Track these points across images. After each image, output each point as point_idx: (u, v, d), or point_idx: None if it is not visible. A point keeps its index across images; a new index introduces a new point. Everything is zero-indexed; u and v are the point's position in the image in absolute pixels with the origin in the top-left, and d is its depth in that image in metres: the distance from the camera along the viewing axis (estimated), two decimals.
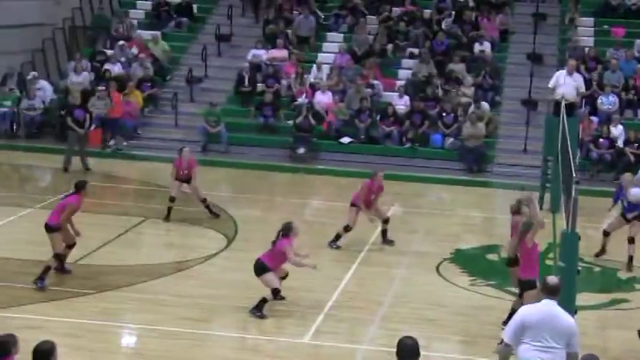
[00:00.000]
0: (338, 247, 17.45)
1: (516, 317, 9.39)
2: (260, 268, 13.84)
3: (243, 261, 16.07)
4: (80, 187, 15.07)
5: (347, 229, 17.47)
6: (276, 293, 13.78)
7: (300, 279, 14.58)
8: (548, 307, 9.25)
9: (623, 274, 16.88)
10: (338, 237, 17.53)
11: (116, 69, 28.00)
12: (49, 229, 14.78)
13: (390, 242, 17.92)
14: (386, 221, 17.95)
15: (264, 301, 13.75)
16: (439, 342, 13.40)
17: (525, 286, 12.80)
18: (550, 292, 9.31)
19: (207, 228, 18.60)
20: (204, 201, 19.06)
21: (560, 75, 21.95)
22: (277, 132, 26.61)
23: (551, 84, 22.00)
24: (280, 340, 13.22)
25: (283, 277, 14.12)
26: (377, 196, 17.78)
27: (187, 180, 18.93)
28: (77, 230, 15.10)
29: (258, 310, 13.72)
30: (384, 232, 17.99)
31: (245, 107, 27.59)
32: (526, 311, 9.37)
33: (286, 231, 13.94)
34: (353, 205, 17.58)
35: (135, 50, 29.06)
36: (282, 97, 27.70)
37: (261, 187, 22.79)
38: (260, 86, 27.86)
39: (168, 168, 19.39)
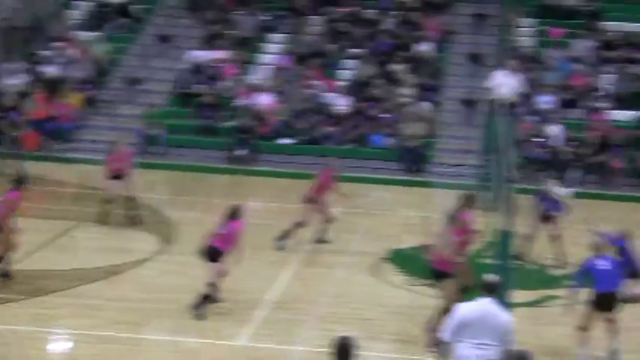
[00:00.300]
0: (282, 248, 17.29)
1: (454, 315, 9.45)
2: (215, 253, 13.63)
3: (179, 264, 16.03)
4: (19, 183, 14.82)
5: (300, 225, 17.36)
6: (212, 289, 13.66)
7: (237, 281, 14.50)
8: (486, 305, 9.35)
9: (554, 272, 17.02)
10: (287, 234, 17.38)
11: (54, 70, 27.66)
12: None
13: (325, 242, 17.89)
14: (329, 221, 17.89)
15: (205, 297, 13.63)
16: (376, 342, 13.38)
17: (441, 275, 12.93)
18: (488, 290, 9.41)
19: (142, 231, 18.43)
20: (132, 199, 18.77)
21: (500, 75, 22.13)
22: (217, 133, 26.50)
23: (491, 83, 22.15)
24: (217, 343, 13.10)
25: None
26: (332, 185, 17.78)
27: (121, 176, 18.62)
28: (16, 227, 14.80)
29: (199, 307, 13.59)
30: (321, 232, 17.94)
31: (185, 109, 27.44)
32: (464, 310, 9.44)
33: (236, 214, 13.88)
34: (307, 201, 17.47)
35: (73, 51, 28.74)
36: (223, 99, 27.60)
37: (200, 189, 22.67)
38: (200, 87, 27.73)
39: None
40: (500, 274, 11.62)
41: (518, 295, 14.77)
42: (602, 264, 12.53)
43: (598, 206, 23.04)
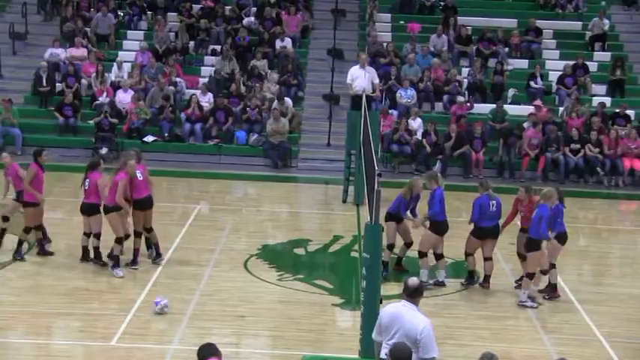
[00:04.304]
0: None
1: (380, 315, 9.33)
2: (90, 208, 15.91)
3: (45, 265, 15.70)
4: None
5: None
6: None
7: (106, 280, 14.33)
8: (399, 308, 9.12)
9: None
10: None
11: None
12: None
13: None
14: (149, 230, 16.40)
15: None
16: (249, 338, 13.45)
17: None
18: (409, 294, 9.15)
19: (9, 233, 17.91)
20: None
21: (355, 69, 22.47)
22: (79, 132, 26.03)
23: (348, 79, 22.47)
24: (88, 344, 12.90)
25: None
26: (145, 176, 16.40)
27: None
28: None
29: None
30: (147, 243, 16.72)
31: (44, 107, 26.84)
32: (384, 310, 9.24)
33: (94, 166, 15.97)
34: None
35: None
36: (83, 97, 27.11)
37: (65, 189, 22.15)
38: (59, 86, 27.18)
39: None
40: (370, 267, 11.82)
41: (391, 287, 15.10)
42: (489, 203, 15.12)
43: (461, 197, 23.57)
